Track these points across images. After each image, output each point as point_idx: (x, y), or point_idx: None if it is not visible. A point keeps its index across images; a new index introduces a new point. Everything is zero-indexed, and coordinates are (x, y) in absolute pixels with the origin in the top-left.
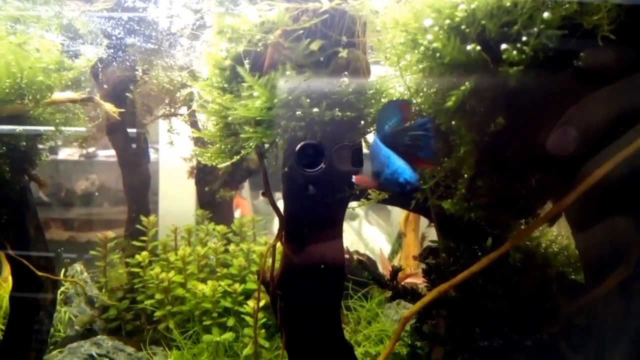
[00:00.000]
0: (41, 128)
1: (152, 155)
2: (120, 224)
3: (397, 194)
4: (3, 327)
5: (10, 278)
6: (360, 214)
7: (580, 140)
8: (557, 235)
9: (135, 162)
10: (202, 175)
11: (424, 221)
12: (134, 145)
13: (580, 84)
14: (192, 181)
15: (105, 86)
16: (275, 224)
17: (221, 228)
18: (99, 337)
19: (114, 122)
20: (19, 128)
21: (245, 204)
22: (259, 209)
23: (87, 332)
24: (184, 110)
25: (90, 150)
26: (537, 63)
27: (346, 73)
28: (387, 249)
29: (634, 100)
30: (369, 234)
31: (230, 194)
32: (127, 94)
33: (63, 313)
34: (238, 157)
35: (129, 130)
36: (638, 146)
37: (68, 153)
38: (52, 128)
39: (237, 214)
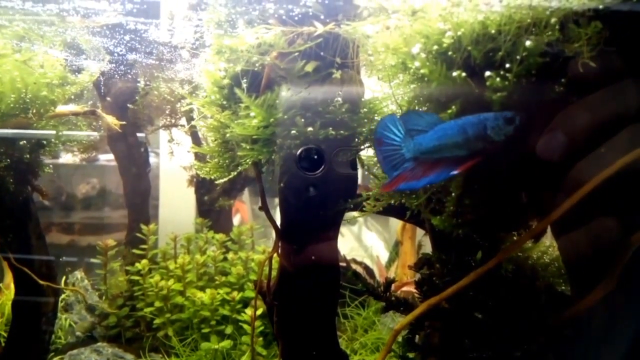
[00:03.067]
0: (41, 132)
1: (152, 159)
2: (120, 228)
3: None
4: (5, 334)
5: (11, 285)
6: (359, 219)
7: (568, 144)
8: (549, 247)
9: (136, 171)
10: (202, 184)
11: (420, 230)
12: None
13: (566, 95)
14: (192, 188)
15: (107, 98)
16: (273, 230)
17: (220, 236)
18: (99, 344)
19: (114, 132)
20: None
21: (245, 209)
22: (258, 214)
23: (88, 339)
24: (183, 120)
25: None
26: (520, 88)
27: (340, 93)
28: (385, 256)
29: (618, 107)
30: (368, 239)
31: (229, 203)
32: (128, 104)
33: (63, 320)
34: (235, 172)
35: (134, 137)
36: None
37: (69, 157)
38: (53, 132)
39: (236, 218)
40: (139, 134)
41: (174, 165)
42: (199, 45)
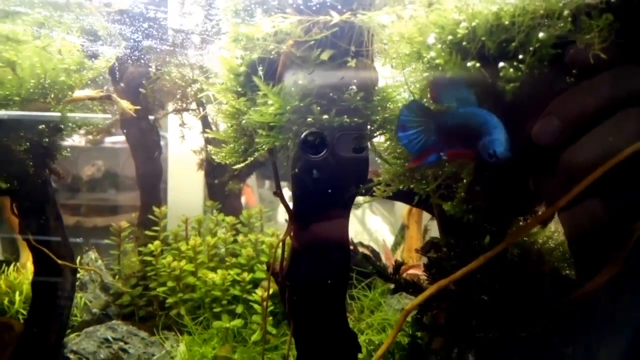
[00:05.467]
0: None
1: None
2: (126, 209)
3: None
4: (24, 311)
5: (28, 264)
6: (364, 204)
7: (561, 129)
8: (554, 232)
9: (148, 155)
10: (212, 167)
11: (426, 214)
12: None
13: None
14: (200, 171)
15: (120, 83)
16: (280, 213)
17: (230, 219)
18: (113, 321)
19: (127, 117)
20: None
21: (250, 192)
22: (264, 197)
23: (103, 317)
24: (194, 105)
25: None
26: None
27: (355, 81)
28: (389, 239)
29: (611, 92)
30: (373, 223)
31: (239, 187)
32: (140, 89)
33: (79, 299)
34: (252, 158)
35: (146, 121)
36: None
37: (74, 139)
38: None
39: (242, 201)
40: (150, 118)
41: (183, 148)
42: (211, 31)
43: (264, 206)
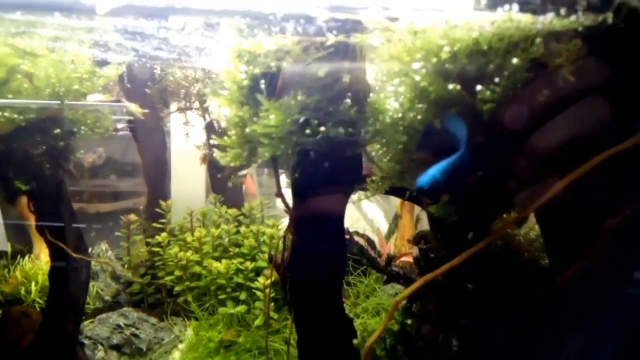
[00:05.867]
0: None
1: None
2: (127, 195)
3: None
4: (40, 300)
5: (42, 255)
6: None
7: (530, 114)
8: (536, 223)
9: (155, 152)
10: (214, 162)
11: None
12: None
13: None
14: (201, 166)
15: (128, 85)
16: (279, 200)
17: (232, 211)
18: (124, 309)
19: (133, 116)
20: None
21: (250, 180)
22: (263, 183)
23: (114, 304)
24: (197, 104)
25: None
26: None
27: (349, 94)
28: (384, 225)
29: (574, 83)
30: (369, 209)
31: (241, 180)
32: (146, 90)
33: (91, 287)
34: (256, 165)
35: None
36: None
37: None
38: None
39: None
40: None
41: (185, 144)
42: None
43: (263, 192)
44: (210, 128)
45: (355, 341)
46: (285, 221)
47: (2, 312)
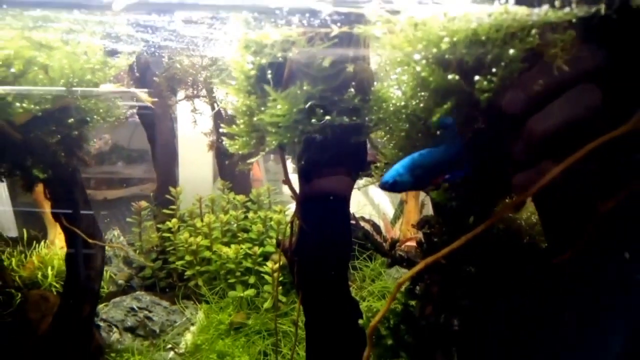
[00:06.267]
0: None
1: None
2: (134, 182)
3: None
4: (56, 284)
5: (56, 241)
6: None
7: (526, 99)
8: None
9: (164, 139)
10: (221, 149)
11: None
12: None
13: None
14: (208, 152)
15: (136, 73)
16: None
17: (240, 197)
18: (138, 292)
19: (144, 104)
20: None
21: (256, 166)
22: (269, 169)
23: (127, 289)
24: (204, 91)
25: None
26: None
27: (353, 83)
28: (389, 210)
29: (570, 69)
30: (374, 196)
31: (248, 167)
32: (154, 78)
33: (104, 272)
34: (264, 153)
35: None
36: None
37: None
38: None
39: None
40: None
41: (192, 131)
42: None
43: (269, 178)
44: (217, 115)
45: (360, 321)
46: (292, 207)
47: (21, 296)
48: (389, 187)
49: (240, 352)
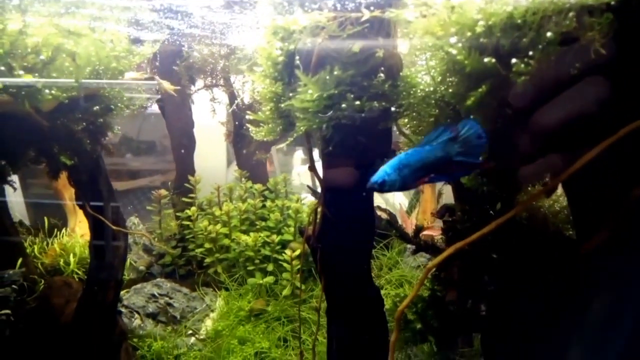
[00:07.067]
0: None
1: None
2: (143, 174)
3: None
4: (78, 271)
5: (76, 229)
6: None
7: (533, 93)
8: (560, 196)
9: (182, 128)
10: (239, 138)
11: None
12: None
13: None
14: (223, 140)
15: (156, 62)
16: (294, 176)
17: (258, 186)
18: (158, 279)
19: (165, 93)
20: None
21: (270, 157)
22: (279, 161)
23: (147, 276)
24: (222, 80)
25: None
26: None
27: (382, 69)
28: (403, 201)
29: (570, 67)
30: None
31: (266, 156)
32: (174, 67)
33: None
34: (292, 139)
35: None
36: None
37: None
38: None
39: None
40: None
41: (206, 120)
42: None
43: (280, 169)
44: (234, 104)
45: (386, 306)
46: (306, 196)
47: (44, 282)
48: (378, 187)
49: (261, 338)
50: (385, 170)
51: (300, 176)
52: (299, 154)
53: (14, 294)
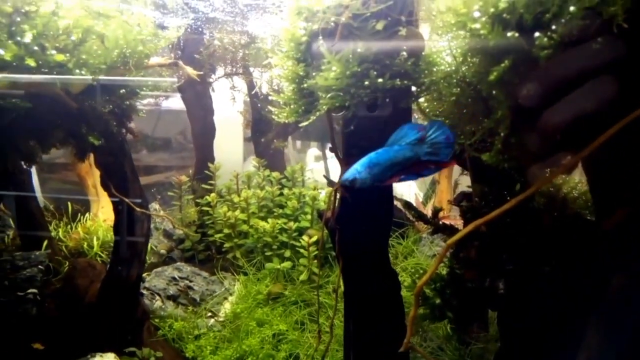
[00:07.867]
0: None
1: None
2: (160, 169)
3: None
4: (101, 254)
5: (99, 214)
6: None
7: (542, 93)
8: (578, 182)
9: (203, 116)
10: (257, 127)
11: (456, 170)
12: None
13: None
14: (241, 129)
15: (178, 51)
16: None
17: (276, 174)
18: (178, 263)
19: (186, 80)
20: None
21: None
22: (295, 159)
23: (168, 260)
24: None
25: None
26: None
27: (405, 47)
28: (420, 193)
29: (584, 64)
30: None
31: (284, 144)
32: (195, 55)
33: None
34: (313, 117)
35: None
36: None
37: None
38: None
39: None
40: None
41: (224, 109)
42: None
43: (288, 162)
44: (253, 94)
45: (405, 283)
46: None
47: (69, 264)
48: (349, 184)
49: (278, 321)
50: (356, 169)
51: (313, 173)
52: (312, 152)
53: (41, 274)
